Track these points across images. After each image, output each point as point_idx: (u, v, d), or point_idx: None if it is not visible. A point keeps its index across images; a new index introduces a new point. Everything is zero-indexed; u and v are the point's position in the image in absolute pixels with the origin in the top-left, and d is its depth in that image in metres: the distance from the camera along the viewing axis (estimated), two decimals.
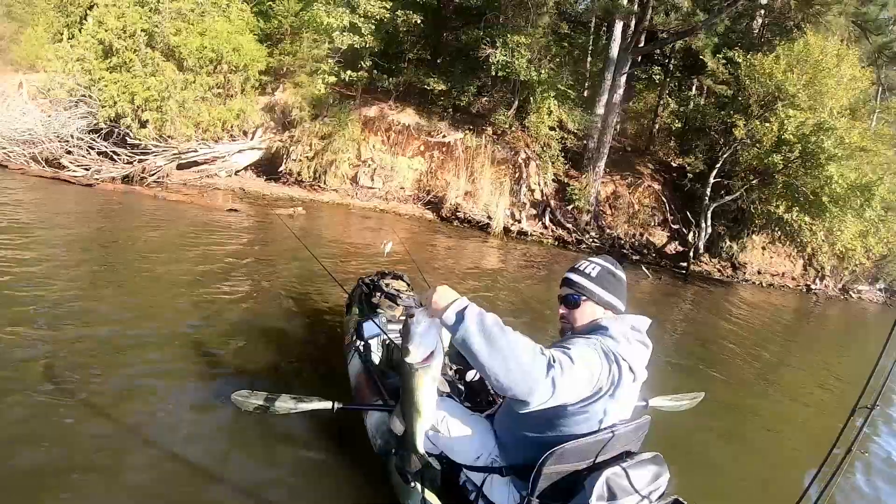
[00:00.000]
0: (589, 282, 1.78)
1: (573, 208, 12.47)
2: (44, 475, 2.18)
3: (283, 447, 2.61)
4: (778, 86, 11.76)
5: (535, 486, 1.61)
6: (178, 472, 2.33)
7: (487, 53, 11.00)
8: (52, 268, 4.63)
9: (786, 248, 14.11)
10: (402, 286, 3.72)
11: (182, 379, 3.10)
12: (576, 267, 1.86)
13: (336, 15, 10.78)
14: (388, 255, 6.06)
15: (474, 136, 11.85)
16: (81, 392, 2.77)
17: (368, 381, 2.72)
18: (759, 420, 4.45)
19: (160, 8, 10.24)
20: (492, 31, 11.19)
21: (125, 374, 3.03)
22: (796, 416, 4.82)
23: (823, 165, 11.21)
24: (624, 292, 1.83)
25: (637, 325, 1.76)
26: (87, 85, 10.39)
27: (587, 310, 1.78)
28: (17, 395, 2.65)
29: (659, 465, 1.71)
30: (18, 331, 3.31)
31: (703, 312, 8.88)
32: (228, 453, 2.51)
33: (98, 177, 9.72)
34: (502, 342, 1.35)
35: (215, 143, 10.91)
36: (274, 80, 11.45)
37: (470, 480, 1.92)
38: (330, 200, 11.20)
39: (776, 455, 3.85)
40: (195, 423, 2.70)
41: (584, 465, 1.65)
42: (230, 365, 3.37)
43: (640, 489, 1.63)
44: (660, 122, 15.30)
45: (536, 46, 11.37)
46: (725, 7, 11.53)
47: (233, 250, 6.41)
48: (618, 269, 1.85)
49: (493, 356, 1.34)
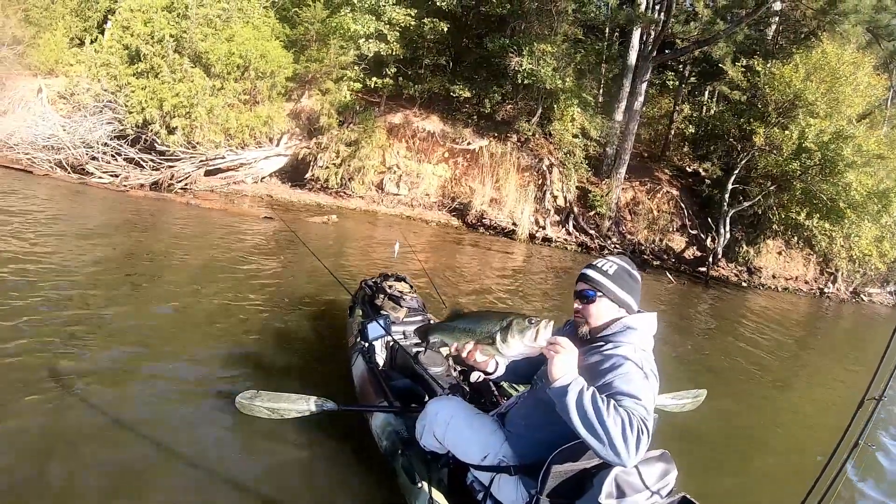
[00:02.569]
0: (606, 279, 1.78)
1: (595, 214, 12.57)
2: (46, 474, 2.19)
3: (289, 448, 2.62)
4: (797, 94, 11.95)
5: (545, 485, 1.61)
6: (181, 473, 2.34)
7: (514, 62, 11.05)
8: (80, 268, 4.71)
9: (800, 252, 14.30)
10: (405, 288, 3.73)
11: (185, 379, 3.11)
12: (593, 263, 1.86)
13: (363, 22, 10.81)
14: (396, 259, 6.16)
15: (499, 143, 11.90)
16: (85, 388, 2.78)
17: (373, 382, 2.73)
18: (769, 416, 4.57)
19: (188, 14, 10.18)
20: (518, 40, 11.23)
21: (126, 371, 3.06)
22: (806, 412, 4.97)
23: (842, 172, 11.40)
24: (639, 293, 1.84)
25: (654, 327, 1.79)
26: (113, 90, 10.32)
27: (602, 306, 1.78)
28: (23, 391, 2.67)
29: (667, 463, 1.70)
30: (27, 330, 3.34)
31: (723, 314, 9.07)
32: (233, 453, 2.52)
33: (127, 183, 9.67)
34: (593, 418, 1.43)
35: (242, 150, 10.87)
36: (299, 87, 11.43)
37: (478, 480, 1.92)
38: (356, 207, 11.20)
39: (785, 449, 3.94)
40: (199, 424, 2.70)
41: (593, 463, 1.65)
42: (236, 365, 3.38)
43: (649, 486, 1.63)
44: (674, 127, 15.45)
45: (561, 54, 11.44)
46: (745, 17, 11.67)
47: (262, 257, 6.39)
48: (634, 270, 1.85)
49: (589, 432, 1.43)
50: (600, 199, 12.42)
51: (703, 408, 2.89)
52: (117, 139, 10.25)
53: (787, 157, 11.84)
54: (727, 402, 4.41)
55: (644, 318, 1.78)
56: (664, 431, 1.90)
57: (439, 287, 4.11)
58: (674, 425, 3.24)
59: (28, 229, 5.79)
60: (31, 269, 4.48)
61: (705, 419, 3.63)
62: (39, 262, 4.69)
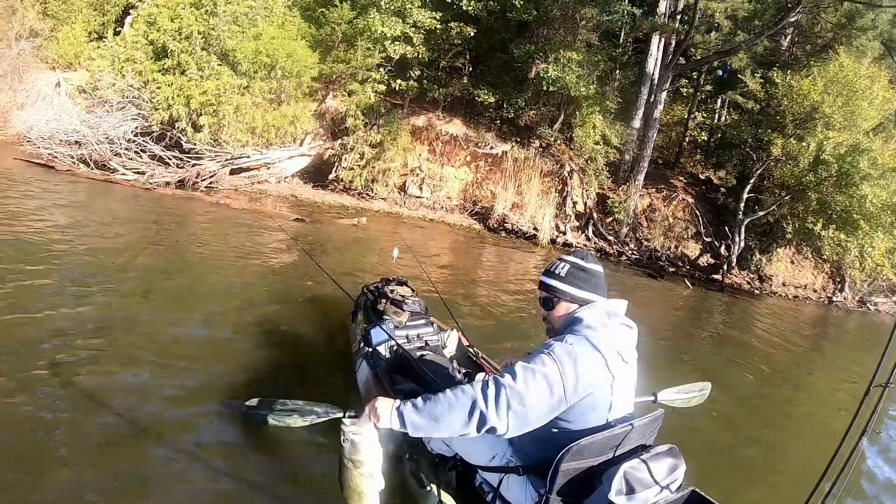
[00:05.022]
0: (559, 282, 1.83)
1: (613, 220, 12.66)
2: (47, 479, 2.19)
3: (295, 454, 2.64)
4: (814, 106, 12.13)
5: (554, 484, 1.60)
6: (185, 480, 2.35)
7: (540, 68, 11.10)
8: (98, 265, 4.77)
9: (811, 260, 14.52)
10: (406, 292, 3.73)
11: (190, 386, 3.11)
12: (548, 268, 1.90)
13: (390, 24, 10.80)
14: (400, 263, 6.20)
15: (521, 148, 11.96)
16: (91, 390, 2.79)
17: (378, 387, 2.74)
18: (776, 412, 4.78)
19: (216, 11, 10.11)
20: (544, 46, 11.28)
21: (136, 376, 3.07)
22: (814, 408, 5.22)
23: (857, 185, 11.60)
24: (598, 283, 1.84)
25: (612, 310, 1.79)
26: (138, 86, 10.23)
27: (562, 309, 1.83)
28: (21, 389, 2.69)
29: (675, 458, 1.72)
30: (32, 329, 3.36)
31: (736, 320, 9.28)
32: (238, 461, 2.53)
33: (153, 181, 9.60)
34: (439, 410, 1.57)
35: (266, 149, 10.83)
36: (323, 87, 11.40)
37: (486, 481, 1.93)
38: (380, 210, 11.20)
39: (793, 442, 4.11)
40: (203, 431, 2.71)
41: (601, 461, 1.66)
42: (241, 373, 3.36)
43: (659, 481, 1.64)
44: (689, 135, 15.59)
45: (585, 62, 11.51)
46: (766, 30, 11.82)
47: (277, 261, 6.35)
48: (588, 262, 1.86)
49: (443, 425, 1.56)
50: (619, 205, 12.52)
51: (713, 403, 2.92)
52: (142, 136, 10.17)
53: (803, 168, 12.02)
54: (729, 399, 4.59)
55: (593, 308, 1.78)
56: (674, 427, 1.92)
57: (457, 293, 4.11)
58: (683, 421, 3.33)
59: (54, 226, 5.79)
60: (47, 262, 4.53)
61: (709, 414, 3.77)
62: (57, 257, 4.73)
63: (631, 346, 1.77)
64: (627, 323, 1.81)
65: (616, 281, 10.41)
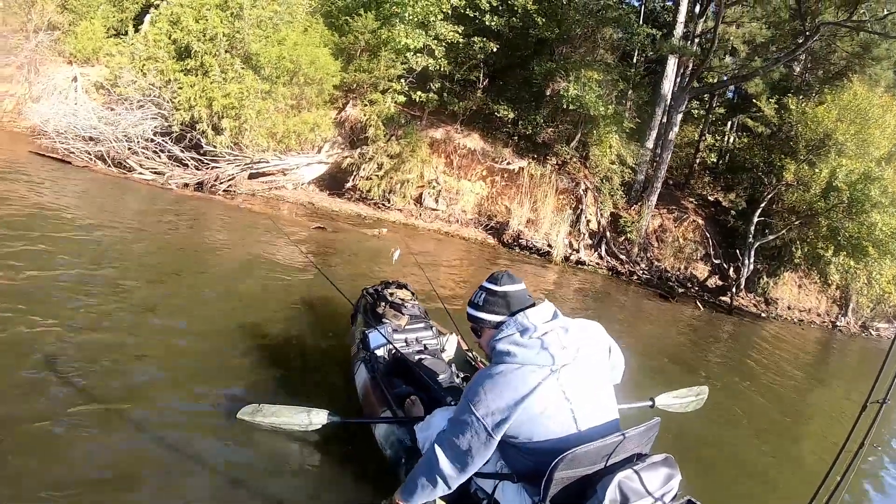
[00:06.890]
0: (478, 311, 1.90)
1: (625, 240, 12.71)
2: (42, 485, 2.15)
3: (292, 459, 2.62)
4: (827, 133, 12.28)
5: (547, 492, 1.60)
6: (182, 486, 2.32)
7: (561, 86, 11.17)
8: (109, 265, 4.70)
9: (816, 284, 14.65)
10: (406, 295, 3.69)
11: (188, 391, 3.07)
12: (471, 299, 1.95)
13: (414, 36, 10.83)
14: (396, 264, 6.19)
15: (538, 164, 11.99)
16: (89, 397, 2.74)
17: (375, 391, 2.74)
18: (775, 426, 4.83)
19: (242, 14, 10.09)
20: (565, 65, 11.35)
21: (133, 380, 3.03)
22: (811, 424, 5.33)
23: (868, 212, 11.75)
24: (512, 301, 1.86)
25: (527, 324, 1.76)
26: (160, 85, 10.15)
27: (488, 336, 1.87)
28: (22, 391, 2.65)
29: (670, 467, 1.69)
30: (34, 330, 3.28)
31: (743, 341, 9.44)
32: (235, 466, 2.50)
33: (173, 182, 9.52)
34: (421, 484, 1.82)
35: (285, 155, 10.78)
36: (344, 95, 11.39)
37: (481, 488, 1.93)
38: (396, 220, 11.17)
39: (790, 455, 4.16)
40: (200, 437, 2.66)
41: (595, 469, 1.65)
42: (239, 378, 3.31)
43: (653, 491, 1.62)
44: (699, 157, 15.73)
45: (605, 82, 11.60)
46: (784, 56, 11.97)
47: (285, 268, 6.23)
48: (500, 285, 1.88)
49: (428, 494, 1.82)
50: (631, 225, 12.58)
51: (712, 414, 2.91)
52: (161, 135, 10.09)
53: (815, 194, 12.16)
54: (727, 411, 4.65)
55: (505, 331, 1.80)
56: (671, 434, 1.90)
57: (465, 298, 4.08)
58: (680, 431, 3.40)
59: (73, 223, 5.71)
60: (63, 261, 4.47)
61: (707, 424, 3.78)
62: (70, 255, 4.67)
63: (574, 345, 1.73)
64: (564, 325, 1.77)
65: (630, 302, 10.45)
